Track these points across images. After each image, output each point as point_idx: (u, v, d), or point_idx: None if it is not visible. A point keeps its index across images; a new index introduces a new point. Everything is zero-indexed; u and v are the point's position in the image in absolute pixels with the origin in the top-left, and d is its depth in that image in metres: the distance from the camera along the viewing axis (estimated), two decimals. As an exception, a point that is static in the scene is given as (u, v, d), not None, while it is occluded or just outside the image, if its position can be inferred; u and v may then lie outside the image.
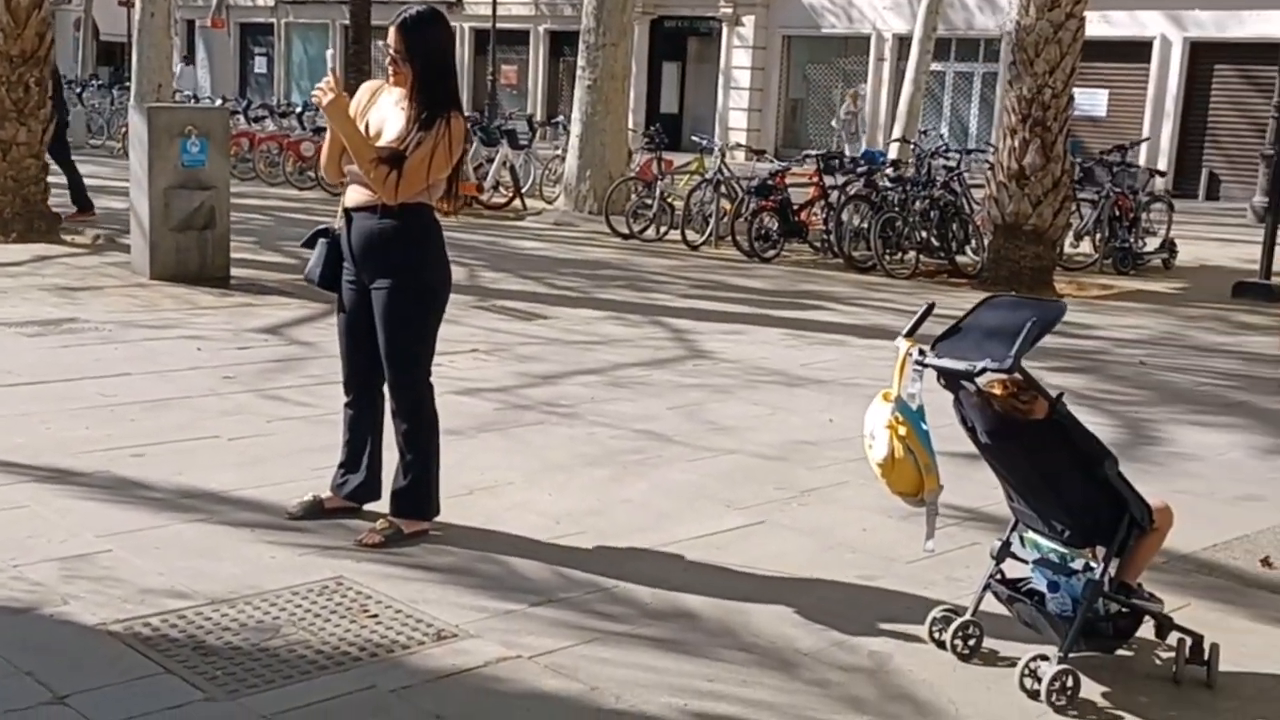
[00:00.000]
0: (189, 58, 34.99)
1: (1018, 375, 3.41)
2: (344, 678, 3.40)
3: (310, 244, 4.57)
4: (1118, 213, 13.22)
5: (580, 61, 15.85)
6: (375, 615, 3.80)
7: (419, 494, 4.45)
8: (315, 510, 4.57)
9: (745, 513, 4.96)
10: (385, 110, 4.35)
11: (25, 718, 3.09)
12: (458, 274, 10.37)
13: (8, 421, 5.58)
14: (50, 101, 11.42)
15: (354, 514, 4.59)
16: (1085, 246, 13.54)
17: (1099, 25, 23.19)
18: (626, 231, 13.80)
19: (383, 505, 4.54)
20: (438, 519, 4.52)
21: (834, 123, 25.43)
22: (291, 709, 3.21)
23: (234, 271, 9.70)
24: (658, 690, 3.44)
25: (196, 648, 3.51)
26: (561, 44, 32.27)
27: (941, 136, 20.81)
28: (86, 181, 12.88)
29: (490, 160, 16.57)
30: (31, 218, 11.05)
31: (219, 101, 20.49)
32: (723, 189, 13.65)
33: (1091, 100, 24.91)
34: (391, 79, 4.31)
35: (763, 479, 5.41)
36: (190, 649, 3.50)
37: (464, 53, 34.27)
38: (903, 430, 3.54)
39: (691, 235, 13.48)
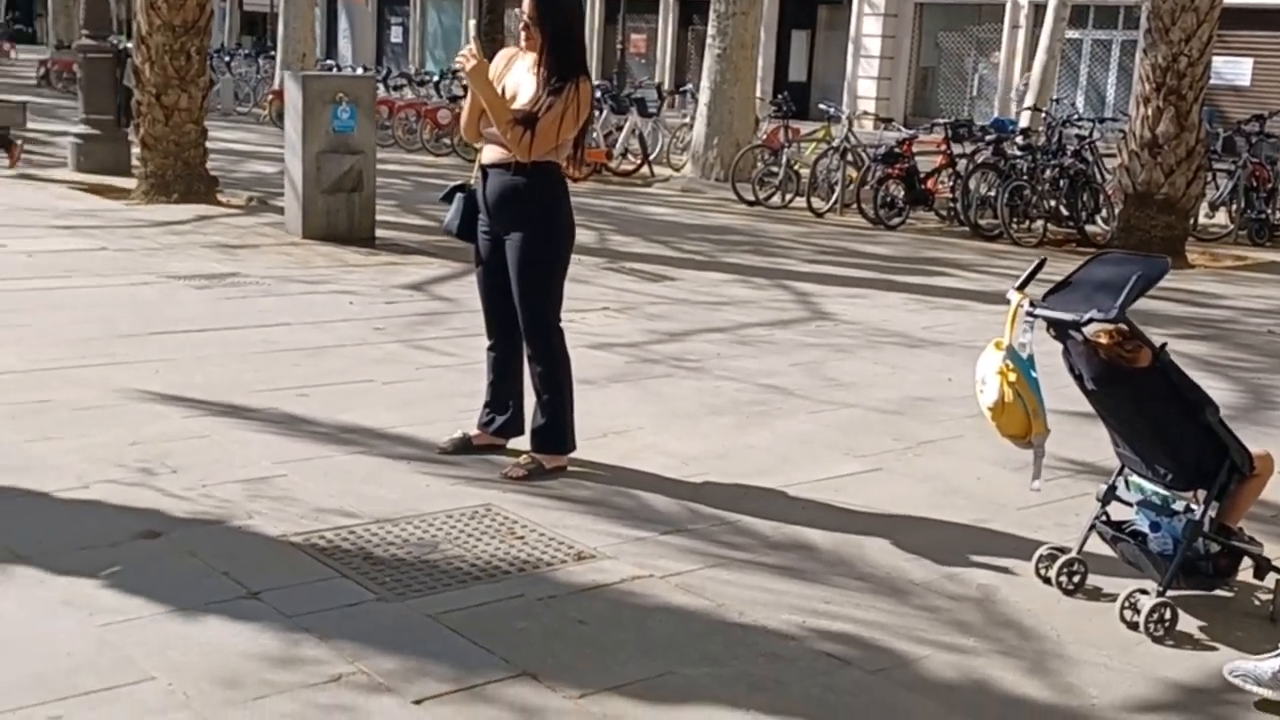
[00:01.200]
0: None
1: (1123, 325, 3.62)
2: (496, 587, 3.79)
3: (449, 198, 4.98)
4: (1254, 183, 13.01)
5: (710, 30, 16.08)
6: (522, 537, 4.19)
7: (556, 430, 4.84)
8: (464, 446, 5.00)
9: (863, 460, 5.24)
10: (519, 75, 4.73)
11: (226, 609, 3.54)
12: (589, 237, 10.85)
13: (186, 363, 6.12)
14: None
15: (499, 450, 4.99)
16: (1221, 217, 13.34)
17: (1243, -9, 22.57)
18: (752, 198, 14.02)
19: (524, 443, 4.93)
20: (574, 456, 4.90)
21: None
22: (453, 610, 3.61)
23: (378, 232, 10.24)
24: (778, 609, 3.76)
25: (366, 558, 3.94)
26: (690, 12, 32.41)
27: (1073, 105, 20.49)
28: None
29: (619, 128, 16.92)
30: (191, 180, 11.74)
31: (359, 70, 21.20)
32: (849, 157, 13.78)
33: (1234, 69, 24.23)
34: (524, 44, 4.68)
35: (881, 431, 5.67)
36: (361, 559, 3.93)
37: (595, 21, 34.66)
38: (1012, 376, 3.78)
39: (817, 202, 13.66)
